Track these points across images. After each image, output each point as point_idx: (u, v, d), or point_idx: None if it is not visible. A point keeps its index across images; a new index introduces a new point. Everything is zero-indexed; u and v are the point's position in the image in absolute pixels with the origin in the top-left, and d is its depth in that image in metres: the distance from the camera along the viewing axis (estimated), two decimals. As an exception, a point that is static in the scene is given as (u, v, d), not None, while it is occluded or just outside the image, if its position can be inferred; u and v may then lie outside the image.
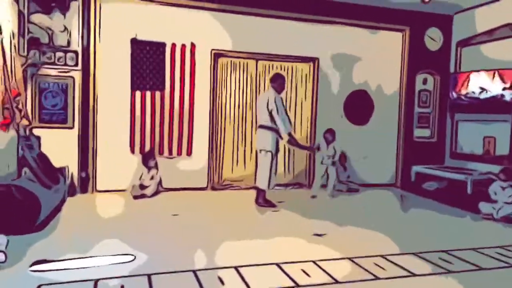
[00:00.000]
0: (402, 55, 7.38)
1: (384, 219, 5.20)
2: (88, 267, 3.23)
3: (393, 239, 4.19)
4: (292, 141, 5.72)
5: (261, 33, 6.60)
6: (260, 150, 5.56)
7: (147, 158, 6.04)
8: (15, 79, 4.80)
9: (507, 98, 6.18)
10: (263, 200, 5.56)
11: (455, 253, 3.80)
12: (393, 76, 7.40)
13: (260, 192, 5.59)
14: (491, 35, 6.60)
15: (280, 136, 5.53)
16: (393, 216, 5.50)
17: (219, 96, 6.62)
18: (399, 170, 7.46)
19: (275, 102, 5.36)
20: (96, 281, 2.93)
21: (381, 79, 7.28)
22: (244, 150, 6.79)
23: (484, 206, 5.29)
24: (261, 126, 5.50)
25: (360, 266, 3.40)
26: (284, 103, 5.67)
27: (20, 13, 5.23)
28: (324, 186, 6.49)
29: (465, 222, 5.20)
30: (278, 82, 5.53)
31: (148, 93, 6.17)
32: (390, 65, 7.34)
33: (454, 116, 7.34)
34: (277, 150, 5.58)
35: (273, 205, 5.53)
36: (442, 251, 3.84)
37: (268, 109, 5.36)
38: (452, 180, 6.60)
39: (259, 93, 6.80)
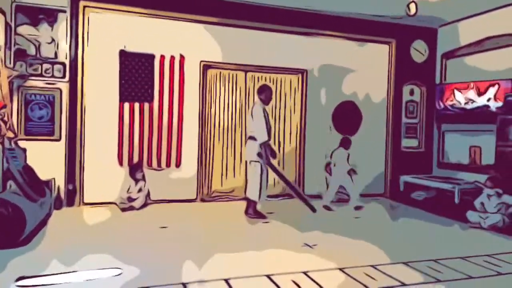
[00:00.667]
0: (389, 67, 7.51)
1: (374, 229, 5.21)
2: (75, 282, 3.16)
3: (383, 249, 4.19)
4: (260, 153, 5.37)
5: (250, 45, 6.65)
6: (250, 161, 5.56)
7: (135, 170, 5.98)
8: (1, 91, 4.74)
9: (492, 108, 6.31)
10: (253, 211, 5.53)
11: (444, 262, 3.82)
12: (381, 87, 7.50)
13: (250, 203, 5.56)
14: (474, 47, 6.76)
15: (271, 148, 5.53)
16: (383, 226, 5.52)
17: (208, 108, 6.62)
18: (387, 180, 7.52)
19: (255, 112, 5.42)
20: (83, 296, 2.86)
21: (368, 90, 7.38)
22: (234, 161, 6.77)
23: (471, 215, 5.35)
24: (250, 138, 5.53)
25: (351, 277, 3.39)
26: (267, 114, 5.63)
27: (7, 25, 5.19)
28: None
29: (454, 231, 5.24)
30: (264, 93, 5.57)
31: (136, 105, 6.14)
32: (378, 76, 7.46)
33: (441, 127, 7.46)
34: (267, 161, 5.53)
35: (263, 216, 5.51)
36: (431, 260, 3.86)
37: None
38: (440, 189, 6.67)
39: (248, 104, 6.82)
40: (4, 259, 3.44)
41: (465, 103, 6.68)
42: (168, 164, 6.31)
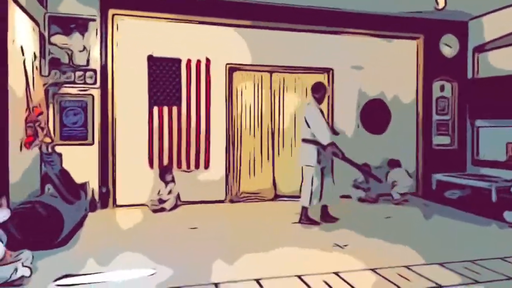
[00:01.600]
0: (417, 63, 7.33)
1: (406, 229, 5.10)
2: (111, 282, 3.25)
3: (417, 249, 4.09)
4: (336, 153, 5.06)
5: (275, 45, 6.66)
6: (303, 166, 5.28)
7: (164, 173, 6.10)
8: (38, 99, 4.95)
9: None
10: (305, 218, 5.22)
11: (481, 262, 3.69)
12: (409, 84, 7.33)
13: (302, 210, 5.24)
14: (507, 40, 6.50)
15: (323, 148, 5.06)
16: (416, 226, 5.38)
17: (234, 109, 6.67)
18: (419, 178, 7.33)
19: (312, 113, 5.08)
20: (119, 295, 2.94)
21: (397, 87, 7.23)
22: (261, 163, 6.78)
23: (509, 215, 5.14)
24: (305, 140, 5.18)
25: (384, 277, 3.33)
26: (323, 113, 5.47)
27: (41, 35, 5.42)
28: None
29: (491, 231, 5.05)
30: (320, 92, 5.22)
31: (165, 109, 6.27)
32: (406, 73, 7.29)
33: (475, 123, 7.21)
34: (320, 163, 5.11)
35: (315, 223, 5.20)
36: (468, 261, 3.73)
37: (306, 122, 5.10)
38: (475, 187, 6.45)
39: (273, 105, 6.84)
40: (43, 259, 3.58)
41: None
42: (197, 166, 6.40)
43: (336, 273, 3.39)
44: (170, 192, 6.04)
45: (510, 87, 6.31)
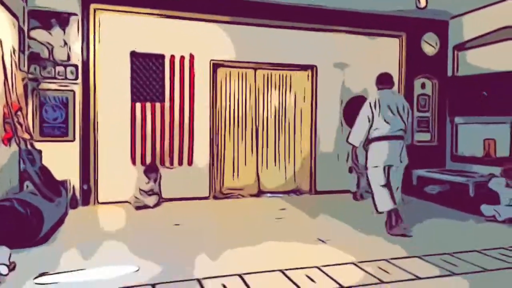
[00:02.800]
0: (399, 61, 7.44)
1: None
2: (92, 279, 3.22)
3: (397, 243, 4.18)
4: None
5: (259, 42, 6.66)
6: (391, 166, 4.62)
7: (150, 171, 6.04)
8: (16, 94, 4.84)
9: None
10: (389, 226, 4.61)
11: (459, 255, 3.79)
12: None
13: (393, 215, 4.60)
14: (486, 38, 6.66)
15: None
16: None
17: (218, 106, 6.66)
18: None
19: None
20: (101, 292, 2.92)
21: (379, 84, 7.31)
22: (245, 159, 6.79)
23: (486, 209, 5.28)
24: (397, 137, 4.59)
25: (365, 271, 3.39)
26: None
27: (20, 29, 5.29)
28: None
29: (468, 225, 5.18)
30: (392, 82, 4.89)
31: (148, 105, 6.21)
32: (388, 70, 7.28)
33: (454, 120, 7.37)
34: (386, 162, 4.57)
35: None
36: (446, 253, 3.83)
37: (400, 113, 4.61)
38: (454, 183, 6.60)
39: (258, 101, 6.84)
40: (23, 257, 3.52)
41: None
42: (180, 163, 6.37)
43: (319, 267, 3.44)
44: (152, 189, 5.99)
45: (488, 85, 6.47)
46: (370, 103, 4.63)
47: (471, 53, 7.10)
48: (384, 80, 4.88)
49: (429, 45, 7.53)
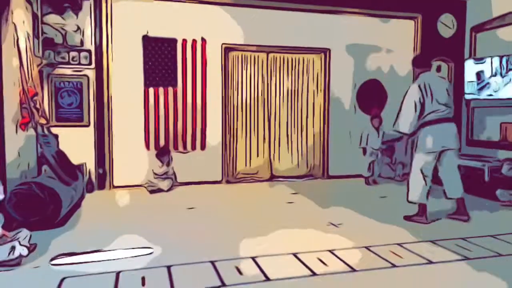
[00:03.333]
0: (414, 43, 7.28)
1: (400, 208, 5.16)
2: (109, 260, 3.31)
3: (410, 228, 4.17)
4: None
5: (271, 25, 6.59)
6: (445, 150, 4.43)
7: (161, 155, 6.10)
8: (32, 79, 4.91)
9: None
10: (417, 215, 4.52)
11: (473, 240, 3.77)
12: (406, 64, 7.26)
13: (460, 201, 4.58)
14: (506, 19, 6.45)
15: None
16: (410, 206, 5.45)
17: (230, 90, 6.65)
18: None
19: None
20: (118, 273, 3.00)
21: (394, 67, 7.20)
22: (257, 143, 6.81)
23: (501, 194, 5.21)
24: (447, 119, 4.39)
25: (377, 255, 3.40)
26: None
27: (34, 15, 5.33)
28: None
29: (483, 210, 5.13)
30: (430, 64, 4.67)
31: (161, 89, 6.24)
32: (403, 53, 7.24)
33: (470, 103, 7.22)
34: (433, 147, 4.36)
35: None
36: (460, 238, 3.81)
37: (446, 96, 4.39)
38: (469, 167, 6.50)
39: (270, 85, 6.81)
40: (41, 240, 3.62)
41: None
42: (193, 147, 6.42)
43: (331, 251, 3.46)
44: (165, 172, 6.07)
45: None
46: (419, 85, 4.32)
47: (489, 35, 6.90)
48: (424, 63, 4.63)
49: (446, 27, 7.34)
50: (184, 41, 6.28)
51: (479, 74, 6.56)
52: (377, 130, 6.66)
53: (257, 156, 6.81)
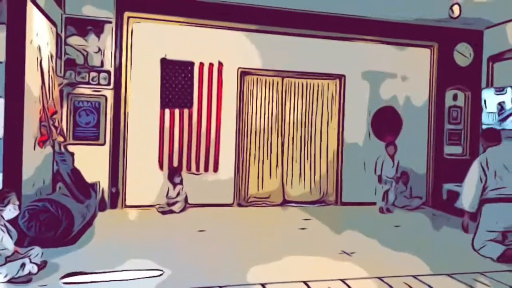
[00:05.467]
0: (430, 71, 7.27)
1: (415, 239, 5.04)
2: (118, 281, 3.28)
3: (425, 259, 4.04)
4: None
5: (288, 51, 6.67)
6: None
7: (173, 175, 6.13)
8: (53, 98, 5.04)
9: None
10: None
11: (491, 274, 3.63)
12: (422, 92, 7.28)
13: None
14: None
15: None
16: (425, 236, 5.32)
17: (245, 113, 6.69)
18: (430, 188, 7.26)
19: None
20: (125, 295, 2.97)
21: (409, 95, 7.18)
22: (270, 167, 6.78)
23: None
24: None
25: (390, 286, 3.30)
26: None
27: (57, 36, 5.52)
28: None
29: (502, 243, 4.95)
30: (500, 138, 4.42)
31: (176, 111, 6.32)
32: (419, 81, 7.24)
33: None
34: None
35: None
36: (477, 272, 3.68)
37: None
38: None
39: (284, 109, 6.84)
40: (52, 257, 3.62)
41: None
42: (206, 169, 6.43)
43: (343, 280, 3.37)
44: (178, 194, 6.07)
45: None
46: (481, 162, 4.23)
47: (507, 64, 6.85)
48: (492, 137, 4.49)
49: (462, 56, 7.33)
50: (201, 65, 6.39)
51: (500, 105, 6.47)
52: (391, 158, 6.58)
53: (270, 180, 6.77)
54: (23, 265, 3.10)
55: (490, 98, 6.66)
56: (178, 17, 6.24)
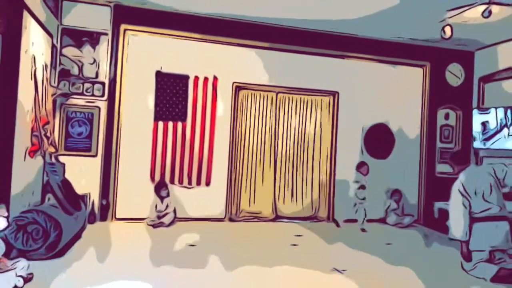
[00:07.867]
0: (423, 90, 7.38)
1: (406, 257, 5.03)
2: (105, 296, 3.21)
3: (417, 277, 4.03)
4: None
5: (282, 66, 6.74)
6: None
7: (159, 188, 6.08)
8: (45, 108, 5.00)
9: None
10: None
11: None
12: (414, 111, 7.37)
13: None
14: (514, 71, 6.56)
15: None
16: (416, 254, 5.31)
17: (239, 128, 6.70)
18: (421, 206, 7.28)
19: None
20: (113, 310, 2.91)
21: (401, 113, 7.26)
22: (262, 182, 6.76)
23: (512, 247, 5.05)
24: None
25: (382, 305, 3.27)
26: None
27: (53, 47, 5.52)
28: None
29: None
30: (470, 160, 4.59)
31: (170, 124, 6.31)
32: (411, 99, 7.34)
33: (479, 152, 7.19)
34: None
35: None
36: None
37: None
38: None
39: (278, 125, 6.86)
40: (39, 270, 3.54)
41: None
42: (198, 183, 6.39)
43: (334, 299, 3.34)
44: (167, 206, 6.01)
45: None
46: (458, 189, 4.27)
47: (497, 85, 6.98)
48: (461, 160, 4.63)
49: (454, 76, 7.46)
50: (196, 78, 6.42)
51: (484, 124, 6.59)
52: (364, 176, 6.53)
53: (262, 195, 6.74)
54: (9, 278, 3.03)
55: (475, 118, 6.78)
56: (174, 30, 6.29)
